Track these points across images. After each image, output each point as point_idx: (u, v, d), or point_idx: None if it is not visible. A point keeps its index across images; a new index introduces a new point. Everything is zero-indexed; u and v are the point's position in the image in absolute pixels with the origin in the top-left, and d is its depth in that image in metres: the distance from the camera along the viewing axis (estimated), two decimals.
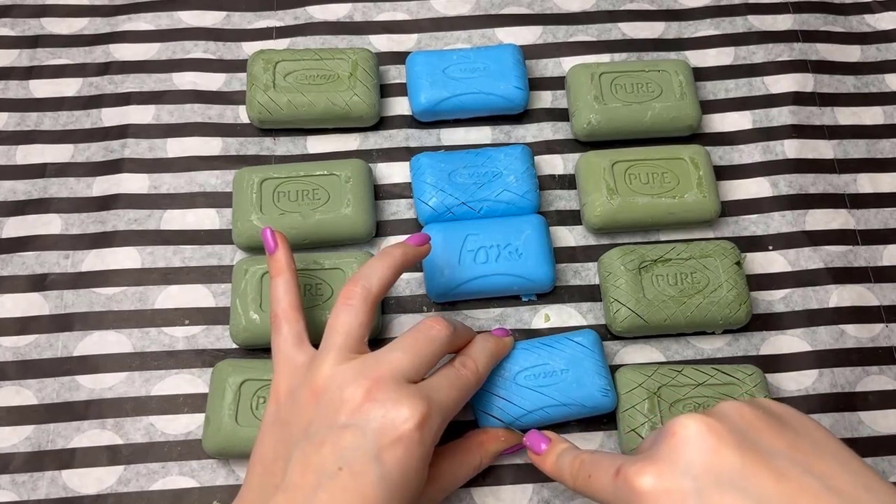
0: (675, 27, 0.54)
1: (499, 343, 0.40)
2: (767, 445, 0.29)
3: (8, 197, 0.48)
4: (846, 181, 0.50)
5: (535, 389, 0.40)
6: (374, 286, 0.36)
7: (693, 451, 0.28)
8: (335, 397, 0.33)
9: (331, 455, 0.32)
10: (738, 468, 0.28)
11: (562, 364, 0.41)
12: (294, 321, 0.37)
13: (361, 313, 0.36)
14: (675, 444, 0.29)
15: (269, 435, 0.35)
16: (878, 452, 0.43)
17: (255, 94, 0.48)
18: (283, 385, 0.36)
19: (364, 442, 0.32)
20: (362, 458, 0.31)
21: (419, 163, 0.47)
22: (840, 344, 0.45)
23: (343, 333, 0.35)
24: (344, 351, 0.35)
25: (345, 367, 0.34)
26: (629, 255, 0.44)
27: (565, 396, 0.40)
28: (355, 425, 0.32)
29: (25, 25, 0.53)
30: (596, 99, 0.48)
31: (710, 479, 0.28)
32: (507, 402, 0.40)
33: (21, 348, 0.44)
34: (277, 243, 0.39)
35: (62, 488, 0.41)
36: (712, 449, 0.28)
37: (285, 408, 0.35)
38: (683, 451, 0.29)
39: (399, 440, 0.32)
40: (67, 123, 0.50)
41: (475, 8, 0.54)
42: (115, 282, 0.45)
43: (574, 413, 0.41)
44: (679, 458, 0.29)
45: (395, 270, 0.37)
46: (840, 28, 0.54)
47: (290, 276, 0.39)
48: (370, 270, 0.37)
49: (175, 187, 0.48)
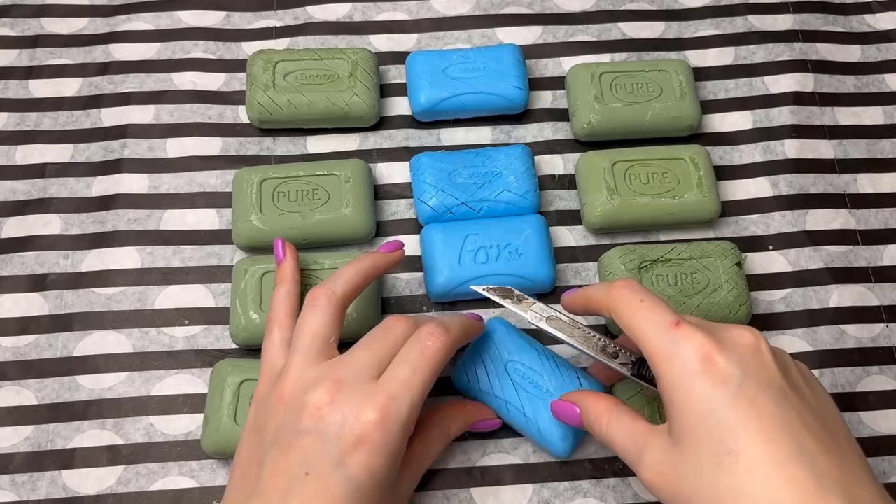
0: (675, 27, 0.54)
1: (473, 323, 0.40)
2: (799, 385, 0.32)
3: (8, 197, 0.48)
4: (846, 181, 0.50)
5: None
6: (339, 288, 0.37)
7: (750, 355, 0.31)
8: (299, 402, 0.34)
9: (297, 460, 0.32)
10: (777, 385, 0.30)
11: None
12: (286, 328, 0.38)
13: (326, 314, 0.36)
14: (738, 340, 0.31)
15: (246, 440, 0.36)
16: (879, 452, 0.43)
17: (255, 94, 0.48)
18: (262, 389, 0.37)
19: (326, 448, 0.32)
20: (326, 464, 0.32)
21: (419, 163, 0.47)
22: (840, 344, 0.45)
23: (309, 335, 0.36)
24: (311, 353, 0.35)
25: (310, 372, 0.35)
26: (629, 255, 0.44)
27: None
28: (316, 430, 0.32)
29: (25, 25, 0.53)
30: (596, 99, 0.48)
31: (754, 380, 0.30)
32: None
33: (21, 348, 0.44)
34: (286, 254, 0.41)
35: (62, 488, 0.41)
36: (764, 362, 0.31)
37: (260, 413, 0.36)
38: (743, 351, 0.31)
39: (360, 443, 0.32)
40: (67, 123, 0.50)
41: (475, 8, 0.54)
42: (115, 282, 0.45)
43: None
44: (738, 351, 0.31)
45: (363, 275, 0.38)
46: (840, 28, 0.54)
47: (292, 286, 0.40)
48: (337, 274, 0.38)
49: (175, 187, 0.48)
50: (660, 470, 0.31)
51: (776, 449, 0.28)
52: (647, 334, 0.32)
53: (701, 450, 0.30)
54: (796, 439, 0.29)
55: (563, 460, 0.42)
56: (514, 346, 0.41)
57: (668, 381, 0.31)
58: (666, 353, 0.31)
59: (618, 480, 0.42)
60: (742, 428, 0.29)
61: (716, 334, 0.32)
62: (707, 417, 0.30)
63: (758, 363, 0.31)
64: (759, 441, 0.29)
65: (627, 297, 0.34)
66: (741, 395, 0.30)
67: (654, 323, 0.32)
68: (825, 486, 0.28)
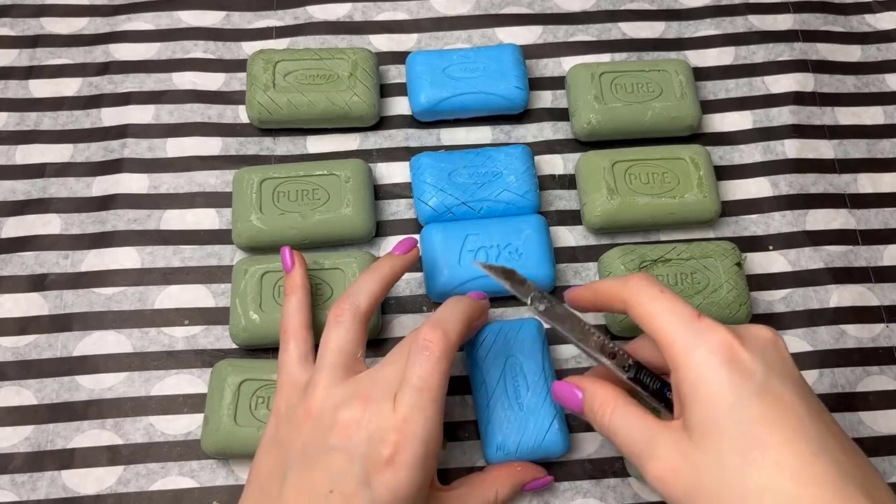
0: (676, 27, 0.54)
1: (473, 304, 0.38)
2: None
3: (7, 197, 0.48)
4: (846, 181, 0.50)
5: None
6: (363, 302, 0.36)
7: (771, 350, 0.31)
8: (327, 418, 0.33)
9: (322, 478, 0.32)
10: (797, 381, 0.31)
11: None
12: (302, 340, 0.38)
13: (351, 330, 0.36)
14: (759, 335, 0.31)
15: (266, 453, 0.35)
16: (879, 452, 0.43)
17: (255, 94, 0.48)
18: (283, 403, 0.36)
19: (352, 466, 0.32)
20: (352, 483, 0.31)
21: (419, 163, 0.47)
22: (840, 344, 0.45)
23: (335, 351, 0.35)
24: (338, 369, 0.35)
25: (338, 388, 0.34)
26: (629, 255, 0.44)
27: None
28: (344, 449, 0.32)
29: (25, 25, 0.53)
30: (596, 99, 0.48)
31: (776, 374, 0.30)
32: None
33: (21, 348, 0.44)
34: (294, 262, 0.40)
35: (62, 488, 0.41)
36: (785, 358, 0.31)
37: (283, 427, 0.35)
38: (764, 345, 0.31)
39: (387, 464, 0.32)
40: (67, 123, 0.50)
41: (475, 8, 0.54)
42: (115, 282, 0.45)
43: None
44: (759, 345, 0.31)
45: (384, 283, 0.38)
46: (840, 28, 0.54)
47: (303, 295, 0.39)
48: (358, 287, 0.37)
49: (175, 187, 0.48)
50: (672, 465, 0.30)
51: (803, 445, 0.28)
52: (668, 323, 0.31)
53: (723, 443, 0.29)
54: (821, 437, 0.28)
55: (563, 460, 0.42)
56: (529, 348, 0.41)
57: (688, 371, 0.30)
58: (687, 343, 0.31)
59: (618, 480, 0.42)
60: (769, 421, 0.28)
61: (735, 330, 0.31)
62: (731, 410, 0.29)
63: (779, 358, 0.31)
64: (786, 437, 0.28)
65: (647, 289, 0.33)
66: (765, 390, 0.29)
67: (675, 313, 0.32)
68: (850, 485, 0.27)
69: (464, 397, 0.43)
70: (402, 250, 0.39)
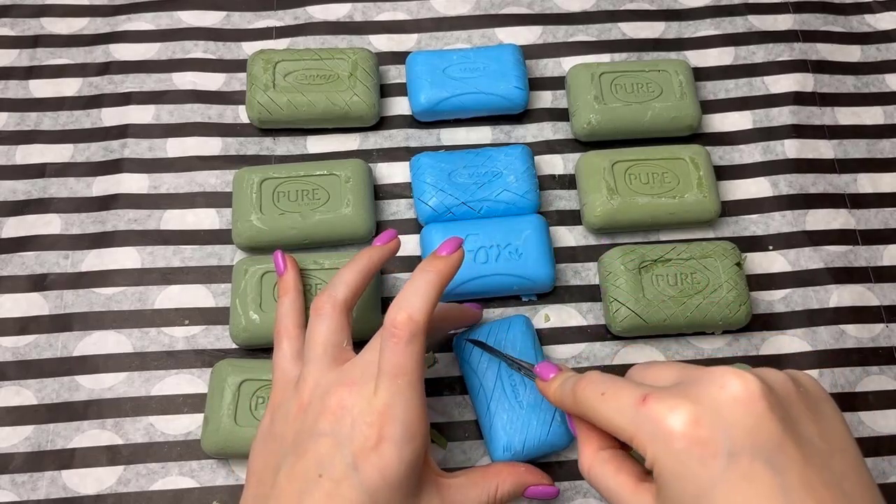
0: (675, 27, 0.54)
1: (439, 268, 0.35)
2: (803, 428, 0.28)
3: (8, 197, 0.48)
4: (846, 181, 0.50)
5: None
6: (340, 293, 0.37)
7: (740, 413, 0.27)
8: (317, 406, 0.34)
9: (312, 463, 0.32)
10: (775, 443, 0.27)
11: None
12: (295, 338, 0.38)
13: (333, 320, 0.36)
14: (722, 397, 0.28)
15: (261, 447, 0.36)
16: (879, 452, 0.43)
17: (255, 94, 0.48)
18: (277, 399, 0.37)
19: (340, 451, 0.32)
20: (340, 466, 0.32)
21: (419, 163, 0.47)
22: (840, 344, 0.45)
23: (320, 343, 0.36)
24: (325, 360, 0.35)
25: (326, 377, 0.35)
26: (629, 255, 0.44)
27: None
28: (331, 434, 0.33)
29: (25, 25, 0.53)
30: (596, 99, 0.48)
31: (747, 444, 0.27)
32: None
33: (21, 348, 0.44)
34: (287, 266, 0.41)
35: (62, 488, 0.41)
36: (759, 416, 0.27)
37: (277, 421, 0.36)
38: (730, 409, 0.28)
39: (373, 447, 0.32)
40: (67, 123, 0.50)
41: (475, 8, 0.54)
42: (115, 282, 0.45)
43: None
44: (722, 413, 0.28)
45: (362, 274, 0.38)
46: (840, 28, 0.54)
47: (295, 296, 0.40)
48: (336, 279, 0.38)
49: (175, 187, 0.48)
50: None
51: None
52: (616, 423, 0.30)
53: None
54: None
55: (564, 460, 0.42)
56: (520, 345, 0.42)
57: (652, 460, 0.29)
58: (641, 435, 0.29)
59: None
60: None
61: (694, 394, 0.28)
62: (696, 498, 0.27)
63: (749, 421, 0.27)
64: None
65: (589, 396, 0.32)
66: (732, 469, 0.27)
67: (619, 410, 0.30)
68: None
69: (464, 397, 0.43)
70: (382, 241, 0.40)
